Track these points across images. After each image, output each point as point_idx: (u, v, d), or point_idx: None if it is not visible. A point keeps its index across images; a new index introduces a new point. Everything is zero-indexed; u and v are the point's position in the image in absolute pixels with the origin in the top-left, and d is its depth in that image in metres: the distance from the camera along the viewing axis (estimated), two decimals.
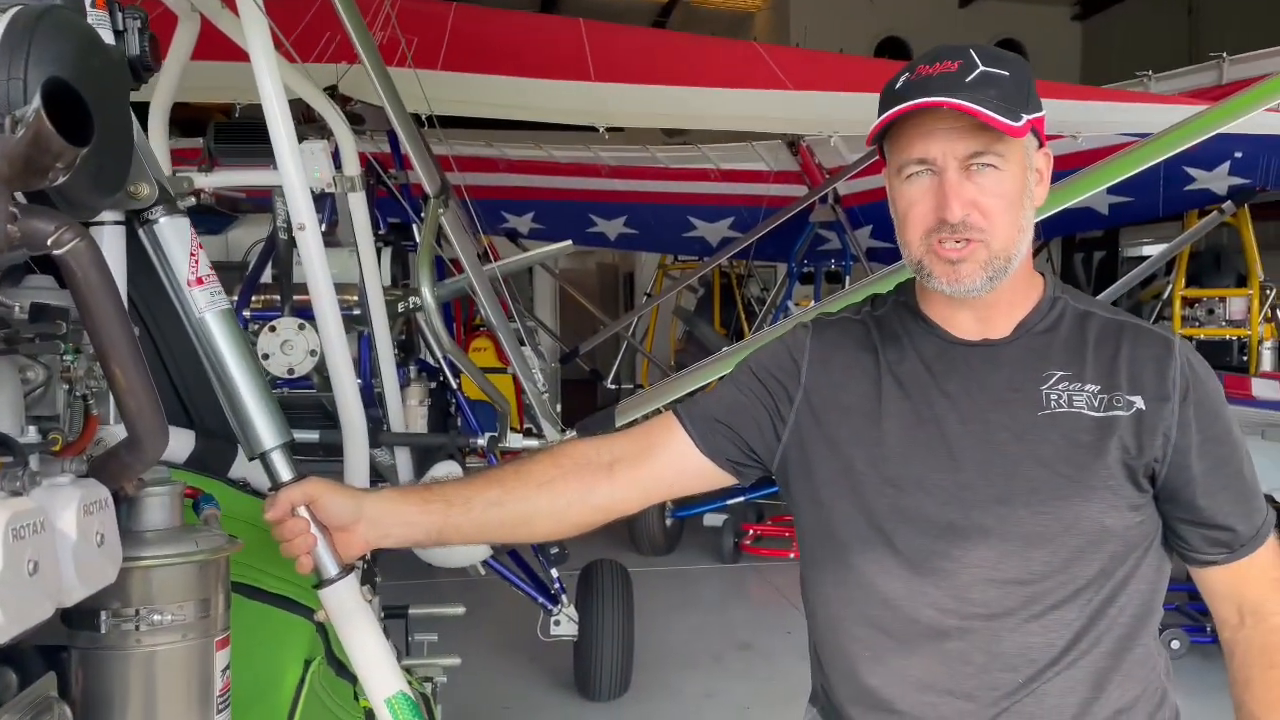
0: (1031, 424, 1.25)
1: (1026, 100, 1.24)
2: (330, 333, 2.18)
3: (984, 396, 1.27)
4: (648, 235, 7.32)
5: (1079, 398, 1.25)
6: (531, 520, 1.36)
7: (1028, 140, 1.25)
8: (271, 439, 1.24)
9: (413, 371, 3.84)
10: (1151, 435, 1.24)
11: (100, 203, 1.07)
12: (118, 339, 0.91)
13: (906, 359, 1.32)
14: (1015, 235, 1.25)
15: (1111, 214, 5.83)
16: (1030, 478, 1.23)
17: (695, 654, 4.82)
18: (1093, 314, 1.31)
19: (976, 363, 1.29)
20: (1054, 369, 1.27)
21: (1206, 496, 1.26)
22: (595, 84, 4.51)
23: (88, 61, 0.97)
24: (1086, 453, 1.23)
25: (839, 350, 1.36)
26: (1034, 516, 1.22)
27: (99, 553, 0.93)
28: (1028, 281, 1.31)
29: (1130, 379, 1.25)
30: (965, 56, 1.24)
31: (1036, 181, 1.28)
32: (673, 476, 1.39)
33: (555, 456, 1.36)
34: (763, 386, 1.37)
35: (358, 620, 1.27)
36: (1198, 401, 1.26)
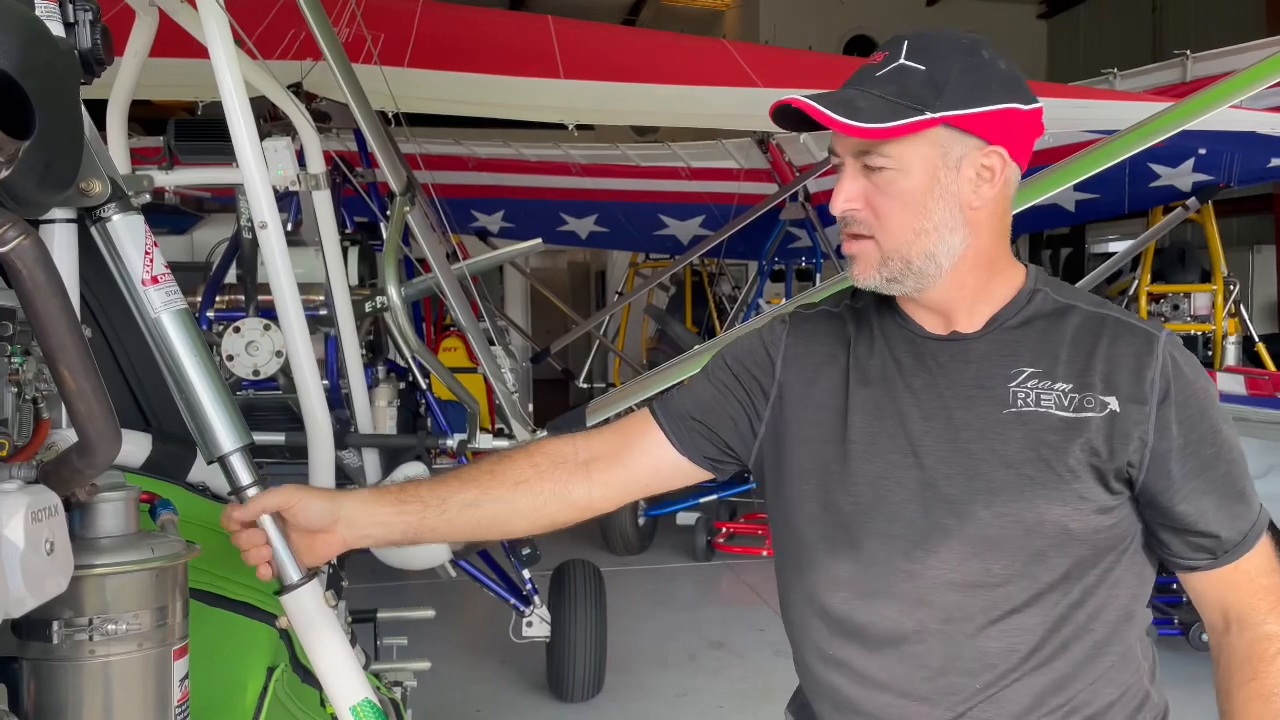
0: (996, 422, 1.21)
1: (944, 94, 1.17)
2: (294, 333, 2.15)
3: (950, 393, 1.23)
4: (619, 233, 7.31)
5: (1048, 397, 1.20)
6: (508, 520, 1.35)
7: (946, 138, 1.18)
8: (230, 441, 1.21)
9: (381, 372, 3.80)
10: (1125, 439, 1.18)
11: (49, 200, 1.03)
12: (66, 341, 0.88)
13: (876, 353, 1.29)
14: (911, 237, 1.20)
15: (1078, 210, 5.89)
16: (991, 478, 1.20)
17: (669, 653, 4.81)
18: (1074, 308, 1.25)
19: (945, 358, 1.25)
20: (1024, 366, 1.22)
21: (1187, 502, 1.20)
22: (564, 81, 4.48)
23: (34, 54, 0.94)
24: (1052, 454, 1.19)
25: (813, 345, 1.34)
26: (994, 518, 1.19)
27: (48, 561, 0.90)
28: (995, 276, 1.26)
29: (1105, 378, 1.20)
30: (895, 47, 1.21)
31: (982, 180, 1.20)
32: (649, 475, 1.38)
33: (531, 455, 1.35)
34: (738, 382, 1.36)
35: (320, 626, 1.24)
36: (1180, 402, 1.19)
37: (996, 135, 1.20)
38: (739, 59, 4.59)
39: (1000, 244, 1.26)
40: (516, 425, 3.18)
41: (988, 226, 1.23)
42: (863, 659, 1.25)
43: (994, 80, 1.19)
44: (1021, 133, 1.22)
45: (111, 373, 1.45)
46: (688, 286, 8.72)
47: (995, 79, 1.20)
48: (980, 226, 1.22)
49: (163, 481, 1.42)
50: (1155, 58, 5.29)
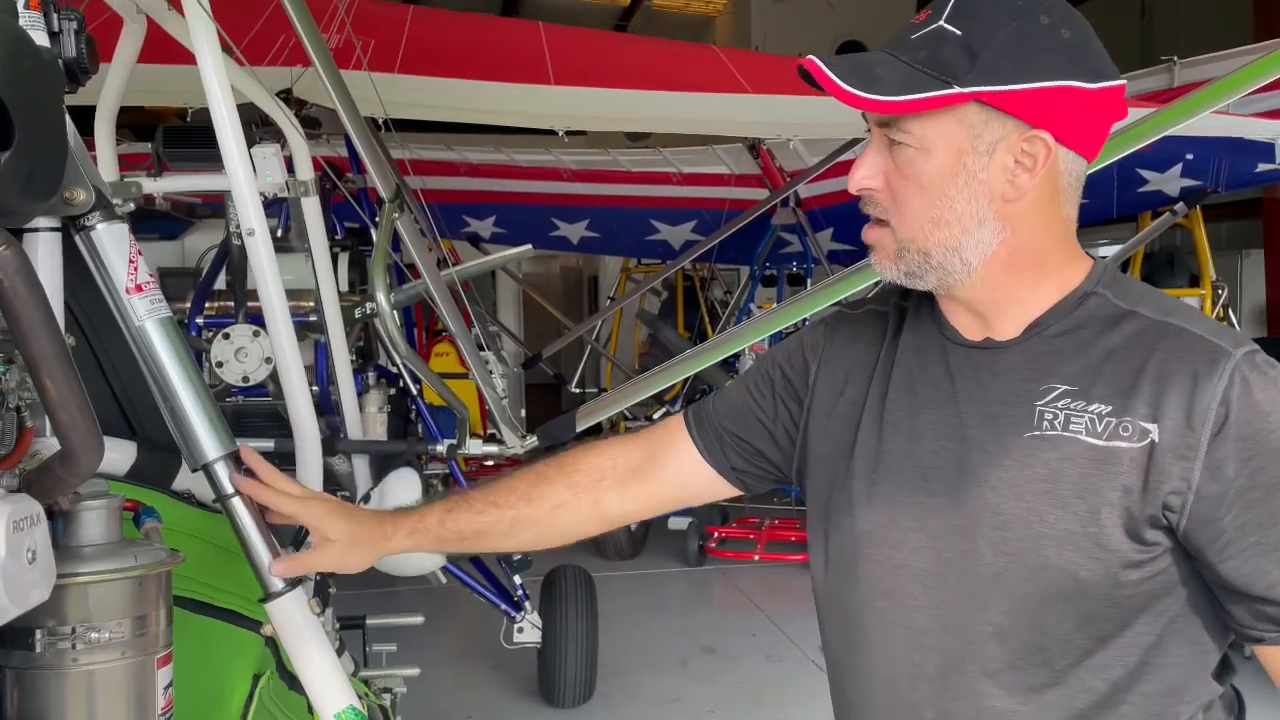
0: (1015, 446, 1.04)
1: (978, 65, 0.99)
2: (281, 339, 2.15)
3: (972, 408, 1.08)
4: (610, 239, 7.31)
5: (1079, 419, 1.02)
6: (544, 541, 1.34)
7: (978, 117, 1.01)
8: (214, 449, 1.21)
9: (371, 378, 3.80)
10: (1163, 476, 0.98)
11: (32, 209, 1.04)
12: (48, 350, 0.89)
13: (904, 359, 1.15)
14: (929, 227, 1.05)
15: None
16: (999, 511, 1.04)
17: (660, 659, 4.81)
18: (1133, 315, 1.05)
19: (972, 368, 1.10)
20: (1057, 381, 1.04)
21: (1241, 559, 0.98)
22: (555, 87, 4.48)
23: (16, 64, 0.95)
24: (1071, 489, 1.01)
25: (849, 348, 1.21)
26: (997, 557, 1.04)
27: (30, 570, 0.90)
28: (1043, 276, 1.08)
29: (1152, 401, 0.99)
30: (940, 5, 1.04)
31: (1021, 169, 1.03)
32: (680, 489, 1.33)
33: (569, 475, 1.30)
34: (773, 388, 1.26)
35: (305, 634, 1.24)
36: (1243, 437, 0.97)
37: (1042, 117, 1.01)
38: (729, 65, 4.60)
39: (1048, 240, 1.07)
40: (507, 431, 3.18)
41: (1030, 221, 1.06)
42: (861, 703, 1.16)
43: (1048, 50, 1.00)
44: (1081, 115, 1.02)
45: (97, 380, 1.45)
46: (680, 291, 8.74)
47: (1051, 49, 1.00)
48: (1019, 220, 1.05)
49: (147, 489, 1.42)
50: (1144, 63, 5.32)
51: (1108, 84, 1.03)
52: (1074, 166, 1.06)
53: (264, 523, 1.24)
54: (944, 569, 1.07)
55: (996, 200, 1.04)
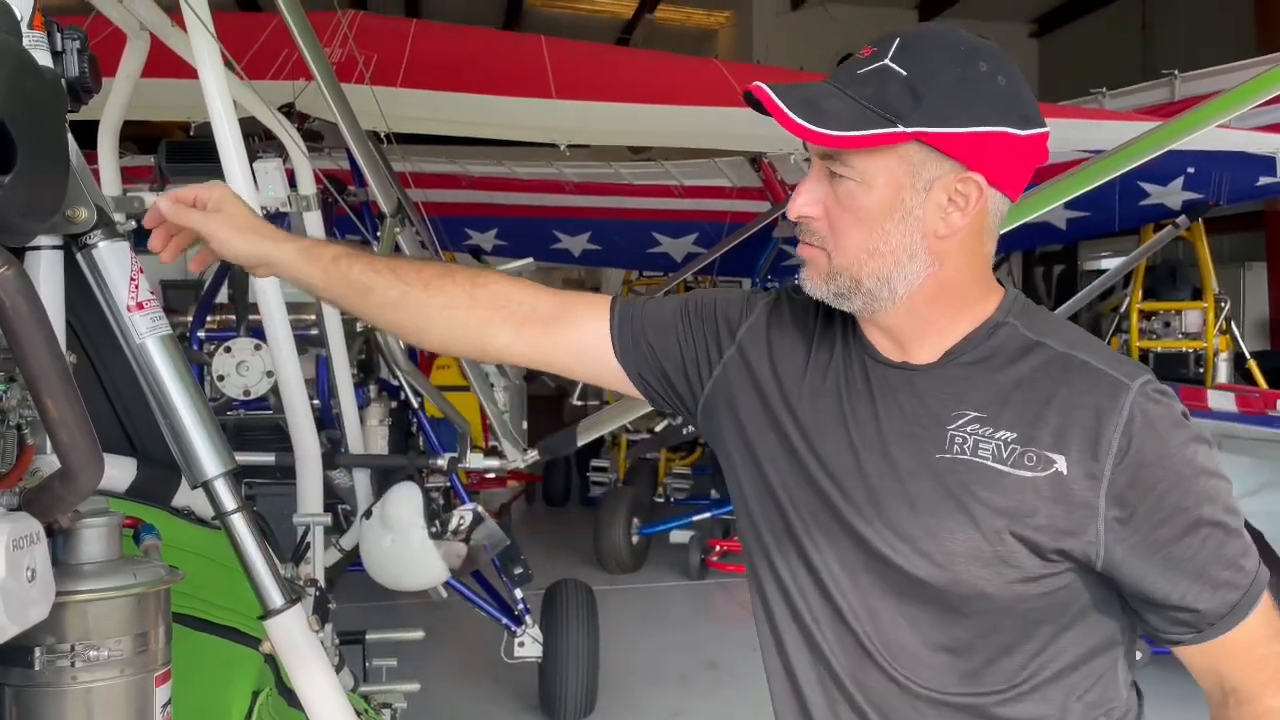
0: (930, 466, 1.09)
1: (922, 107, 1.03)
2: (282, 353, 2.16)
3: (889, 426, 1.12)
4: (612, 251, 7.33)
5: (986, 446, 1.07)
6: (418, 332, 1.31)
7: (918, 156, 1.06)
8: (214, 467, 1.21)
9: (372, 391, 3.80)
10: (1068, 505, 1.04)
11: (34, 228, 1.04)
12: (48, 370, 0.89)
13: (833, 366, 1.18)
14: (863, 257, 1.09)
15: (1069, 228, 5.92)
16: (909, 525, 1.09)
17: (661, 673, 4.80)
18: (1042, 345, 1.10)
19: (890, 388, 1.14)
20: (968, 408, 1.09)
21: (1155, 577, 1.06)
22: (556, 101, 4.50)
23: (20, 85, 0.95)
24: (980, 510, 1.06)
25: (784, 329, 1.23)
26: (912, 571, 1.10)
27: (30, 589, 0.90)
28: (961, 309, 1.13)
29: (1057, 432, 1.05)
30: (885, 44, 1.08)
31: (953, 207, 1.07)
32: (574, 357, 1.30)
33: (474, 287, 1.27)
34: (702, 324, 1.27)
35: (303, 651, 1.24)
36: (1143, 464, 1.03)
37: (977, 160, 1.06)
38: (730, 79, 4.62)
39: (969, 275, 1.13)
40: (508, 445, 3.19)
41: (955, 257, 1.11)
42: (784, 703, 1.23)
43: (985, 97, 1.05)
44: (1010, 159, 1.07)
45: (97, 397, 1.46)
46: None
47: (988, 96, 1.05)
48: (946, 256, 1.10)
49: (147, 506, 1.42)
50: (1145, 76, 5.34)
51: (1035, 131, 1.08)
52: (1000, 207, 1.11)
53: (264, 540, 1.24)
54: (849, 579, 1.14)
55: (929, 236, 1.09)
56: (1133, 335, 6.01)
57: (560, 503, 8.59)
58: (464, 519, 2.99)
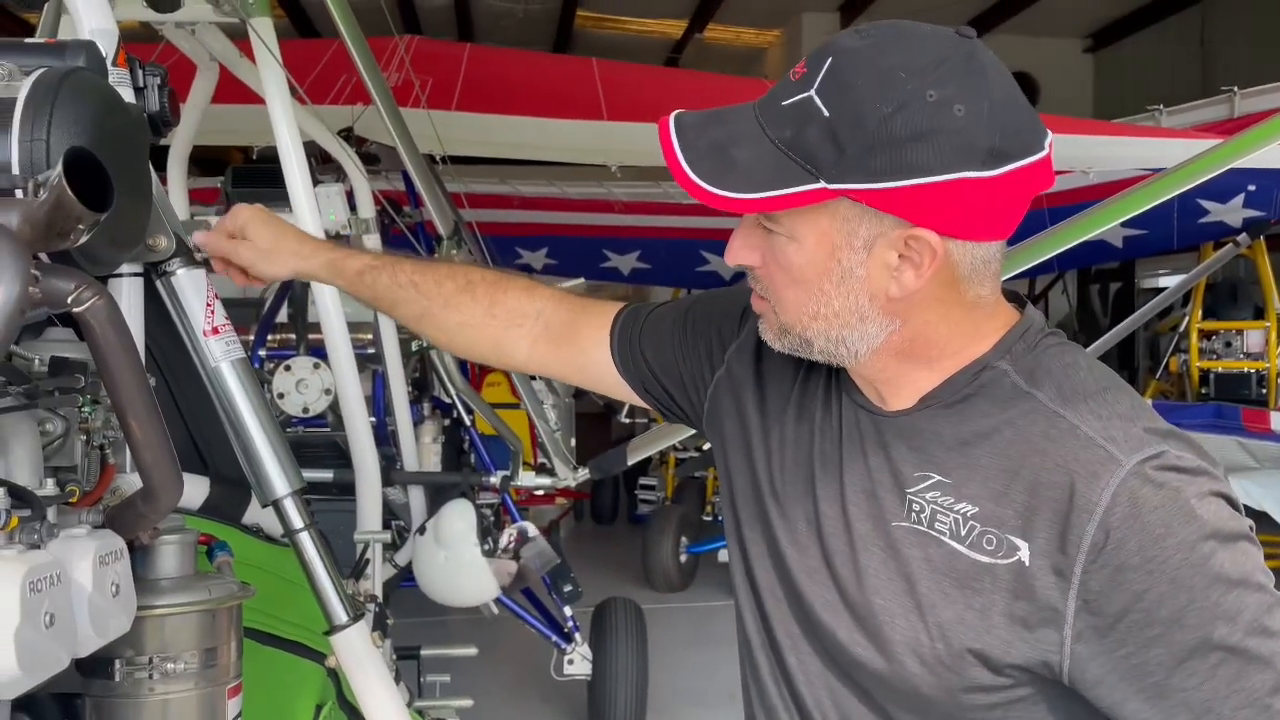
0: (884, 534, 0.93)
1: (845, 157, 0.84)
2: (344, 372, 2.21)
3: (851, 479, 0.97)
4: (661, 270, 7.35)
5: (944, 518, 0.89)
6: (445, 346, 1.37)
7: (850, 211, 0.87)
8: (284, 486, 1.25)
9: (426, 409, 3.86)
10: (1029, 603, 0.85)
11: (119, 257, 1.09)
12: (134, 394, 0.93)
13: (813, 401, 1.04)
14: (806, 319, 0.93)
15: (1126, 246, 5.83)
16: (854, 598, 0.95)
17: (709, 693, 4.78)
18: (1029, 398, 0.90)
19: (859, 434, 0.99)
20: (932, 469, 0.92)
21: (1140, 708, 0.84)
22: (608, 123, 4.55)
23: (109, 122, 1.00)
24: (927, 596, 0.89)
25: (774, 355, 1.06)
26: (849, 648, 0.96)
27: (114, 603, 0.94)
28: (941, 359, 0.95)
29: (1023, 511, 0.86)
30: (816, 63, 0.88)
31: (906, 265, 0.89)
32: (584, 372, 1.27)
33: (492, 304, 1.25)
34: (698, 338, 1.17)
35: (367, 666, 1.27)
36: (1125, 565, 0.81)
37: (924, 215, 0.86)
38: None
39: (945, 328, 0.94)
40: (559, 463, 3.22)
41: (923, 311, 0.92)
42: None
43: (933, 135, 0.83)
44: (974, 206, 0.86)
45: (172, 417, 1.51)
46: None
47: (937, 132, 0.83)
48: (910, 314, 0.92)
49: (220, 523, 1.47)
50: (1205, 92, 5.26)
51: (1012, 166, 0.85)
52: (975, 253, 0.90)
53: (331, 557, 1.28)
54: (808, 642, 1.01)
55: (880, 297, 0.91)
56: (1192, 355, 5.89)
57: (608, 520, 8.60)
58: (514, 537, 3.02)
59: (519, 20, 11.86)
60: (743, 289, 1.14)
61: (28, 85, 0.95)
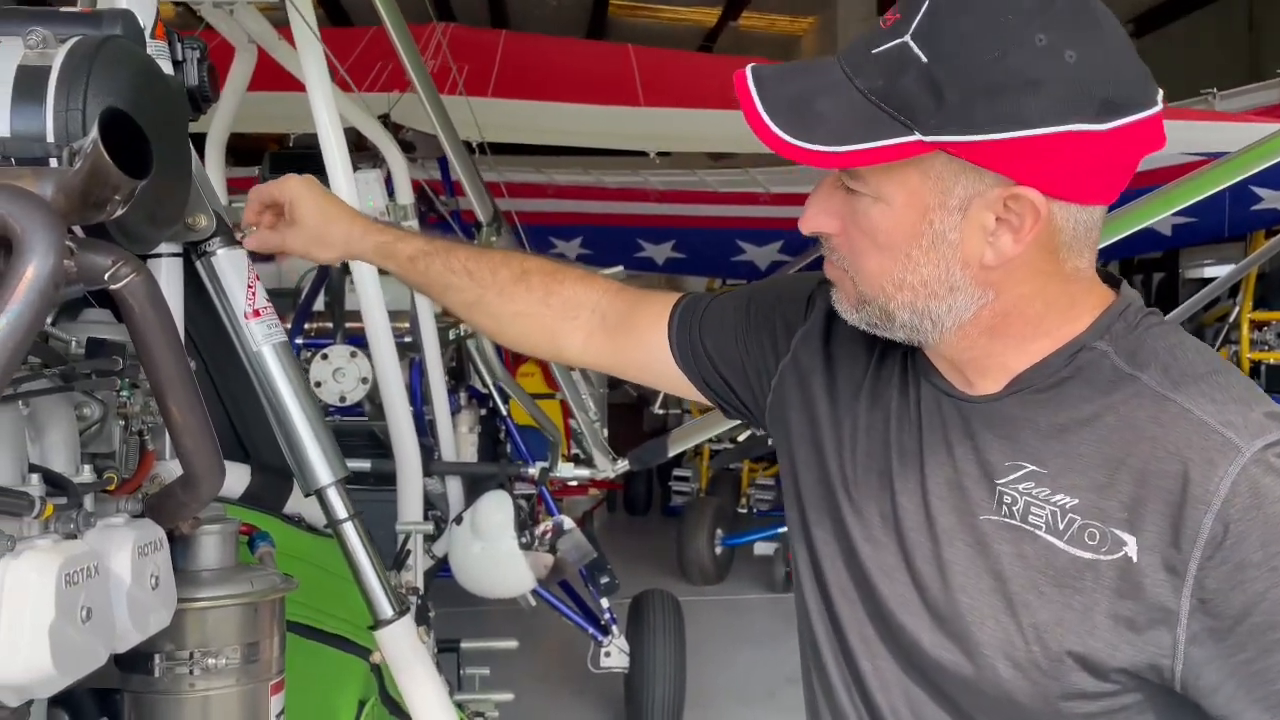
0: (970, 529, 0.87)
1: (945, 106, 0.77)
2: (384, 360, 2.17)
3: (933, 470, 0.91)
4: (696, 259, 7.29)
5: (1040, 511, 0.83)
6: (496, 335, 1.31)
7: (945, 169, 0.81)
8: (327, 475, 1.21)
9: (463, 398, 3.83)
10: (1136, 603, 0.79)
11: (158, 235, 1.05)
12: (174, 376, 0.89)
13: (889, 387, 0.97)
14: (890, 289, 0.87)
15: (1174, 235, 5.69)
16: (936, 598, 0.89)
17: (747, 688, 4.73)
18: (1134, 380, 0.83)
19: (941, 422, 0.92)
20: (1025, 459, 0.85)
21: (1264, 710, 0.78)
22: (644, 109, 4.50)
23: (147, 92, 0.96)
24: (1021, 595, 0.83)
25: (846, 338, 1.00)
26: (931, 651, 0.89)
27: (153, 596, 0.90)
28: (1034, 338, 0.88)
29: (1130, 503, 0.79)
30: (911, 8, 0.81)
31: (1003, 230, 0.82)
32: (643, 368, 1.20)
33: (548, 294, 1.19)
34: (760, 328, 1.09)
35: (413, 662, 1.23)
36: (1246, 562, 0.76)
37: (1029, 171, 0.79)
38: None
39: (1041, 302, 0.87)
40: (598, 454, 3.17)
41: (1019, 283, 0.86)
42: None
43: (1042, 85, 0.76)
44: (1085, 163, 0.79)
45: (212, 404, 1.47)
46: None
47: (1046, 83, 0.76)
48: (1004, 285, 0.86)
49: (262, 513, 1.43)
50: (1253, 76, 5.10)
51: (1126, 119, 0.78)
52: (1079, 218, 0.84)
53: (375, 549, 1.23)
54: (884, 645, 0.95)
55: (973, 265, 0.84)
56: (1243, 346, 5.74)
57: (642, 511, 8.56)
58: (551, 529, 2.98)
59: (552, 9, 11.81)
60: (808, 274, 1.11)
61: (63, 53, 0.91)
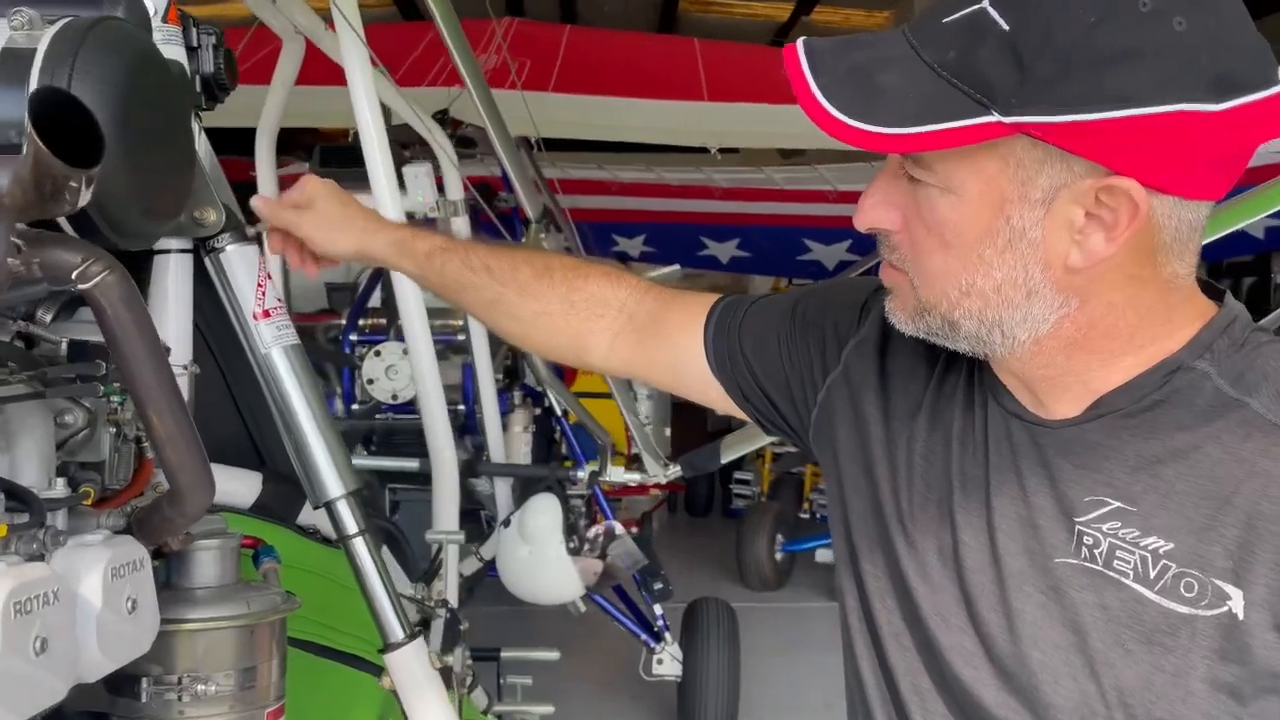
0: (1039, 571, 0.77)
1: (1030, 81, 0.66)
2: (422, 361, 2.12)
3: (1001, 504, 0.80)
4: (761, 258, 7.16)
5: (1127, 556, 0.72)
6: (518, 338, 1.20)
7: (1028, 154, 0.70)
8: (338, 487, 1.14)
9: (517, 397, 3.78)
10: (1241, 666, 0.69)
11: (155, 229, 0.98)
12: (153, 382, 0.82)
13: (951, 407, 0.86)
14: (955, 294, 0.76)
15: (1268, 237, 5.38)
16: (1001, 654, 0.79)
17: (804, 699, 4.59)
18: (1241, 407, 0.73)
19: (1010, 448, 0.81)
20: (1110, 494, 0.74)
21: None
22: (708, 104, 4.40)
23: (141, 78, 0.89)
24: (1103, 652, 0.73)
25: (903, 351, 0.90)
26: (994, 710, 0.79)
27: (129, 621, 0.83)
28: (1122, 353, 0.77)
29: (1237, 550, 0.69)
30: None
31: (1094, 228, 0.71)
32: (670, 375, 1.11)
33: (571, 291, 1.11)
34: (807, 336, 0.98)
35: (423, 688, 1.15)
36: None
37: (1128, 158, 0.67)
38: None
39: (1136, 314, 0.75)
40: (648, 458, 3.08)
41: (1109, 290, 0.74)
42: None
43: (1147, 56, 0.65)
44: (1194, 149, 0.68)
45: (228, 409, 1.42)
46: None
47: (1152, 52, 0.66)
48: (1091, 291, 0.74)
49: (270, 524, 1.37)
50: None
51: (1242, 99, 0.66)
52: (1182, 216, 0.72)
53: (384, 567, 1.16)
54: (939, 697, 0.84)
55: (1055, 267, 0.73)
56: None
57: (702, 514, 8.46)
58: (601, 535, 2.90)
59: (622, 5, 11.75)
60: (862, 279, 1.01)
61: (49, 35, 0.84)
